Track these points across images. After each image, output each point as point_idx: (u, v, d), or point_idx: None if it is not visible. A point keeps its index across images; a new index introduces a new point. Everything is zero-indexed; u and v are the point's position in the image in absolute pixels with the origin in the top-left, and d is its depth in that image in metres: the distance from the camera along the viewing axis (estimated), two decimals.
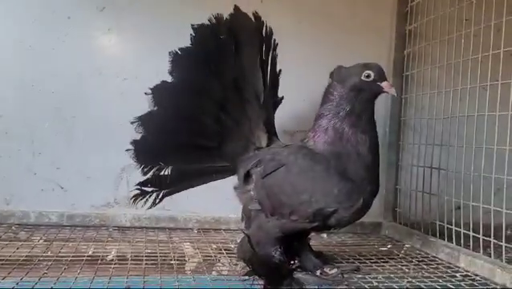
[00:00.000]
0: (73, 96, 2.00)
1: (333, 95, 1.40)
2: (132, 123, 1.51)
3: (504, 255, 1.53)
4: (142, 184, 1.59)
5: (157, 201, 1.61)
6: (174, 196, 2.04)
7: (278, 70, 1.68)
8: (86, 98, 2.01)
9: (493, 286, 1.45)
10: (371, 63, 1.40)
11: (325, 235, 2.05)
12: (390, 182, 2.20)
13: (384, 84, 1.36)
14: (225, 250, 1.75)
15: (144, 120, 1.53)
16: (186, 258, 1.62)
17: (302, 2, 2.14)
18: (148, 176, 1.57)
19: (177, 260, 1.59)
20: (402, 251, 1.86)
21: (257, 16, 1.61)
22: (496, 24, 1.62)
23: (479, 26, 1.71)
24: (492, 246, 1.58)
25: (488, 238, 1.60)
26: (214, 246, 1.81)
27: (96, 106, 2.00)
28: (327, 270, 1.48)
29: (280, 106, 1.70)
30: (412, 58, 2.16)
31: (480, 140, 1.71)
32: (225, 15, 1.58)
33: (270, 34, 1.64)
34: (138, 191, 1.59)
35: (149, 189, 1.59)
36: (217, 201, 1.96)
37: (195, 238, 1.94)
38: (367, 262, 1.67)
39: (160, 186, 1.60)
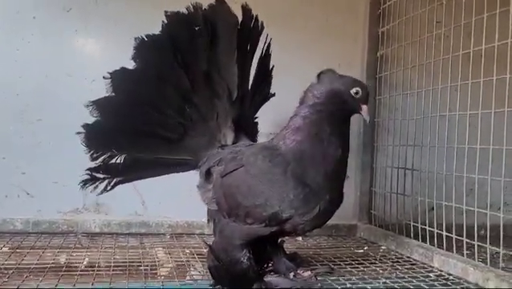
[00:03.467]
0: (39, 98, 1.94)
1: (315, 96, 1.35)
2: (86, 106, 1.47)
3: (476, 254, 1.53)
4: (93, 170, 1.53)
5: (109, 188, 1.55)
6: (146, 200, 2.04)
7: (271, 65, 1.66)
8: (53, 100, 1.94)
9: (466, 285, 1.45)
10: (364, 83, 1.40)
11: (300, 238, 2.02)
12: (365, 184, 2.19)
13: (363, 107, 1.35)
14: (198, 255, 1.70)
15: (99, 105, 1.48)
16: (158, 264, 1.57)
17: (272, 6, 2.12)
18: (98, 162, 1.52)
19: (148, 266, 1.54)
20: (377, 253, 1.85)
21: (246, 8, 1.57)
22: (466, 25, 1.63)
23: (449, 27, 1.72)
24: (464, 245, 1.58)
25: (460, 238, 1.60)
26: (187, 251, 1.76)
27: (64, 108, 1.93)
28: (300, 272, 1.46)
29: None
30: (385, 59, 2.16)
31: (451, 139, 1.71)
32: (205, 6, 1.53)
33: (260, 28, 1.60)
34: (88, 176, 1.53)
35: (101, 176, 1.54)
36: (189, 205, 1.90)
37: (167, 243, 1.89)
38: (341, 264, 1.65)
39: (113, 173, 1.55)
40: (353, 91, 1.34)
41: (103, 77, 1.47)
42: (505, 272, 1.41)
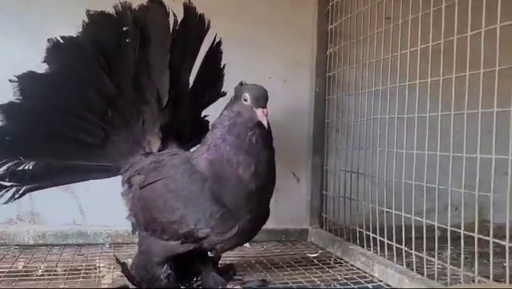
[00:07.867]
0: None
1: (227, 110, 1.27)
2: None
3: (415, 264, 1.47)
4: None
5: (16, 196, 1.46)
6: (84, 208, 1.96)
7: (221, 64, 1.61)
8: None
9: None
10: (253, 86, 1.25)
11: (247, 244, 1.94)
12: (315, 187, 2.11)
13: (257, 111, 1.19)
14: None
15: (4, 109, 1.39)
16: (98, 276, 1.52)
17: (219, 1, 2.02)
18: (2, 170, 1.42)
19: (86, 278, 1.49)
20: (323, 260, 1.77)
21: (188, 7, 1.51)
22: (414, 21, 1.53)
23: (398, 22, 1.63)
24: (403, 253, 1.51)
25: (400, 246, 1.52)
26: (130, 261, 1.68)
27: None
28: (229, 286, 1.40)
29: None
30: (335, 57, 2.08)
31: (400, 143, 1.62)
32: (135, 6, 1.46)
33: (206, 27, 1.54)
34: None
35: (7, 184, 1.44)
36: None
37: (106, 254, 1.81)
38: (279, 274, 1.59)
39: (21, 181, 1.45)
40: (243, 98, 1.22)
41: (10, 80, 1.38)
42: (440, 284, 1.35)
